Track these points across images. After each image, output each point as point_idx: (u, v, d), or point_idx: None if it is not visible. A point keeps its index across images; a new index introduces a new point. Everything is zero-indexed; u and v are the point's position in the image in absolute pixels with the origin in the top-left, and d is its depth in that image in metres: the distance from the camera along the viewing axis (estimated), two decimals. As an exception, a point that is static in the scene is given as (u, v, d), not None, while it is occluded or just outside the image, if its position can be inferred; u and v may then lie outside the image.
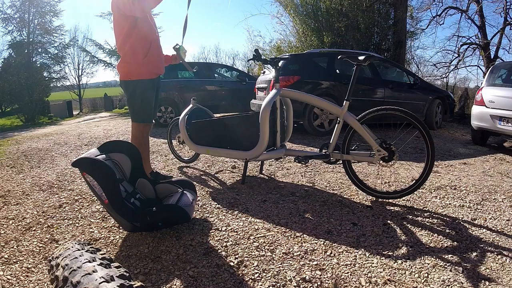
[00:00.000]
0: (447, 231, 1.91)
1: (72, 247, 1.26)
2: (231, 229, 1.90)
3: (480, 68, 12.67)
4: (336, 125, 2.38)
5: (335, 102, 4.32)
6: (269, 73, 4.94)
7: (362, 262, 1.58)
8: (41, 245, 1.78)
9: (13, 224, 2.04)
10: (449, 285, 1.41)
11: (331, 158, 2.41)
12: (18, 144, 4.91)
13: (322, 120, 4.77)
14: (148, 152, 2.63)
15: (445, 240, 1.80)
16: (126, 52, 2.31)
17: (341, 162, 2.43)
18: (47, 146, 4.49)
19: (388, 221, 2.02)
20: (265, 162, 3.16)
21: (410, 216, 2.09)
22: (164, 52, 2.57)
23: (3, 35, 24.66)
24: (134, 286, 1.02)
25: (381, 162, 2.28)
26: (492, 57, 11.64)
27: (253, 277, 1.46)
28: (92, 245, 1.35)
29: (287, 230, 1.89)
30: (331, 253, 1.66)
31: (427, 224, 1.99)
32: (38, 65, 14.53)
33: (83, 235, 1.88)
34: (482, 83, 4.98)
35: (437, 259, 1.60)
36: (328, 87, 4.83)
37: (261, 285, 1.41)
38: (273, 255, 1.63)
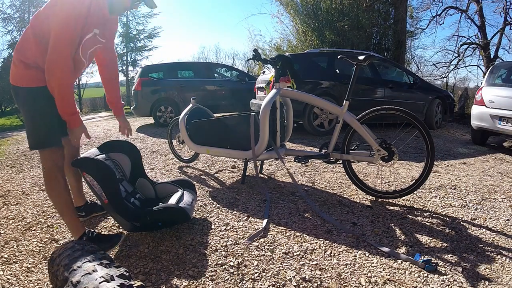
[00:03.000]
0: (447, 231, 1.91)
1: (72, 246, 1.26)
2: (231, 228, 1.90)
3: (480, 68, 12.69)
4: (336, 124, 2.38)
5: (335, 102, 4.32)
6: (269, 73, 4.94)
7: (362, 262, 1.58)
8: (41, 245, 1.78)
9: (13, 224, 2.04)
10: (448, 285, 1.41)
11: (331, 158, 2.41)
12: (18, 144, 4.90)
13: (322, 120, 4.77)
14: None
15: (445, 240, 1.80)
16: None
17: (341, 161, 2.43)
18: (47, 146, 4.48)
19: (388, 221, 2.02)
20: (265, 162, 3.16)
21: (410, 216, 2.09)
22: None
23: (3, 35, 24.63)
24: (134, 285, 1.02)
25: (381, 161, 2.28)
26: (492, 57, 11.64)
27: (253, 277, 1.46)
28: (92, 245, 1.35)
29: (287, 230, 1.89)
30: (331, 252, 1.66)
31: (427, 224, 1.99)
32: (38, 64, 14.50)
33: (83, 235, 1.88)
34: (482, 83, 4.98)
35: (437, 259, 1.60)
36: (328, 87, 4.83)
37: (261, 284, 1.41)
38: (273, 255, 1.63)
